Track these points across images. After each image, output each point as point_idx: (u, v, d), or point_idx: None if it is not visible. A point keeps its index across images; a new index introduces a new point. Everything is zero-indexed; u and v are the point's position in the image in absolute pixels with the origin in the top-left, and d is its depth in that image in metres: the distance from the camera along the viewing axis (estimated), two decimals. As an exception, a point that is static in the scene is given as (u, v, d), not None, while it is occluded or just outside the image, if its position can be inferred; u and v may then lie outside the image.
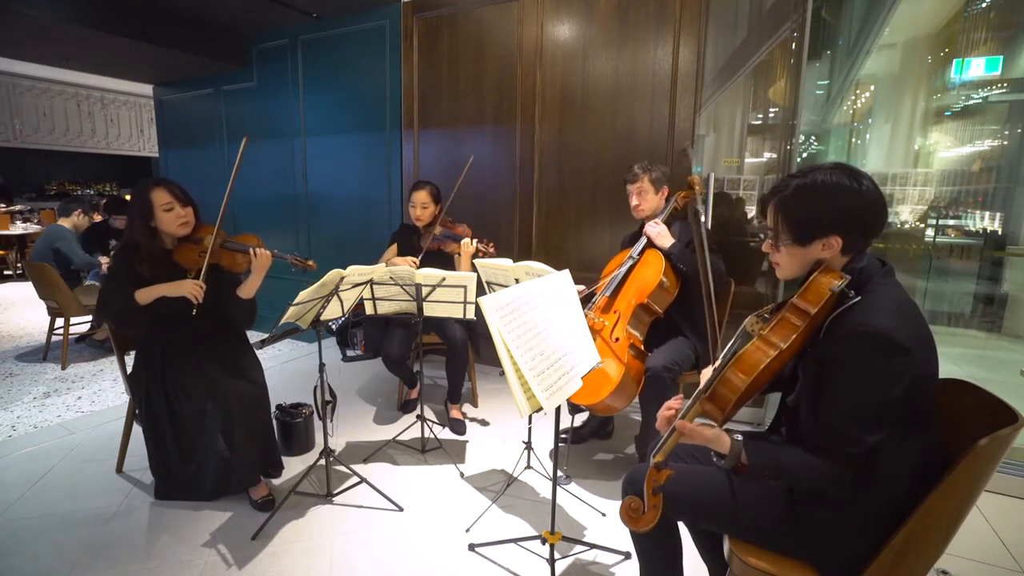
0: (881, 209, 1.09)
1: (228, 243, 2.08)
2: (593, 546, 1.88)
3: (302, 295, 1.85)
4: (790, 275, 1.18)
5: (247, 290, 2.11)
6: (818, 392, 1.10)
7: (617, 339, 2.18)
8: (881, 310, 1.02)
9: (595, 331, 2.28)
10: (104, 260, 4.08)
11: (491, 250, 2.65)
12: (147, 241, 1.97)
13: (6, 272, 7.40)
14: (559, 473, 2.36)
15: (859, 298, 1.06)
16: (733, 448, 1.09)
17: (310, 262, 2.13)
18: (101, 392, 3.34)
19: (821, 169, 1.11)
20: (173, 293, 1.95)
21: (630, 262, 2.31)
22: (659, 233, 2.26)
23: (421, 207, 2.83)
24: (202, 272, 1.99)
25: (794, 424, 1.22)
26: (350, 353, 4.02)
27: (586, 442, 2.69)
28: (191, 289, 1.94)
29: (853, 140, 4.48)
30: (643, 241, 2.32)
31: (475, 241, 2.66)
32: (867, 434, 1.02)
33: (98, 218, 4.53)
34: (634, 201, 2.38)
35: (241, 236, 2.11)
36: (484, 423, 2.91)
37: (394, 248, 2.97)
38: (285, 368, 3.82)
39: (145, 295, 1.94)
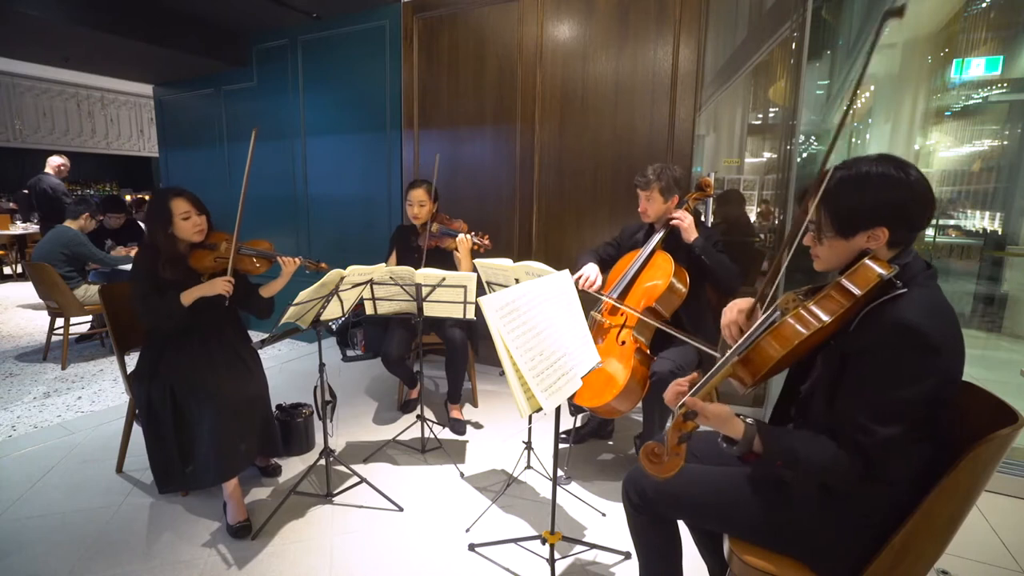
0: (930, 201, 1.05)
1: (244, 249, 2.19)
2: (593, 546, 1.88)
3: (302, 295, 1.85)
4: (830, 268, 1.16)
5: (270, 290, 2.29)
6: (837, 383, 1.08)
7: (623, 342, 2.17)
8: (921, 307, 1.00)
9: (602, 333, 2.27)
10: (124, 250, 4.25)
11: (486, 242, 2.66)
12: (166, 246, 2.06)
13: (6, 272, 7.41)
14: (559, 473, 2.36)
15: (905, 290, 1.03)
16: (747, 433, 1.05)
17: (322, 264, 2.25)
18: (101, 392, 3.34)
19: (866, 160, 1.07)
20: (209, 292, 2.05)
21: (639, 264, 2.29)
22: (689, 226, 2.21)
23: (419, 205, 2.83)
24: (228, 270, 2.09)
25: (805, 413, 1.20)
26: (350, 353, 4.02)
27: (586, 442, 2.69)
28: (224, 286, 2.05)
29: (853, 140, 4.48)
30: (652, 243, 2.30)
31: (471, 235, 2.66)
32: (881, 427, 1.00)
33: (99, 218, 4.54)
34: (641, 207, 2.35)
35: (254, 242, 2.24)
36: (484, 423, 2.91)
37: (394, 258, 2.99)
38: (285, 368, 3.82)
39: (186, 298, 2.03)
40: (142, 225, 4.92)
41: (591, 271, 2.32)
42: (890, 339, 0.99)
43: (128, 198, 8.58)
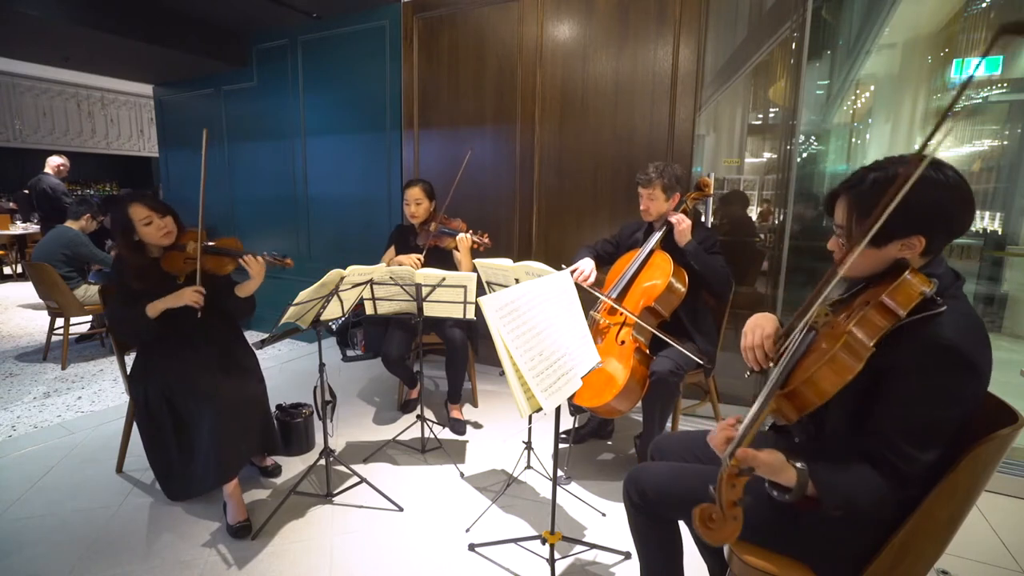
0: (970, 204, 0.98)
1: (211, 249, 2.13)
2: (593, 546, 1.88)
3: (302, 295, 1.85)
4: (857, 275, 1.10)
5: (245, 291, 2.19)
6: (861, 399, 1.03)
7: (623, 342, 2.17)
8: (960, 325, 0.95)
9: (601, 333, 2.27)
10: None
11: (486, 240, 2.66)
12: (133, 255, 2.03)
13: (6, 272, 7.40)
14: (559, 473, 2.36)
15: (944, 307, 0.95)
16: (800, 479, 0.96)
17: (287, 260, 2.16)
18: (101, 392, 3.34)
19: (900, 161, 1.00)
20: (177, 304, 2.01)
21: (637, 264, 2.29)
22: (683, 229, 2.21)
23: (415, 203, 2.83)
24: (197, 278, 2.05)
25: (821, 423, 1.15)
26: (350, 353, 4.02)
27: (586, 442, 2.69)
28: (192, 297, 2.00)
29: (853, 140, 4.48)
30: (651, 243, 2.30)
31: (470, 234, 2.67)
32: (923, 453, 0.96)
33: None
34: (643, 205, 2.35)
35: (222, 240, 2.19)
36: (484, 423, 2.91)
37: (392, 251, 2.98)
38: (285, 368, 3.82)
39: (152, 310, 2.00)
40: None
41: (585, 265, 2.34)
42: (934, 361, 0.95)
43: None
